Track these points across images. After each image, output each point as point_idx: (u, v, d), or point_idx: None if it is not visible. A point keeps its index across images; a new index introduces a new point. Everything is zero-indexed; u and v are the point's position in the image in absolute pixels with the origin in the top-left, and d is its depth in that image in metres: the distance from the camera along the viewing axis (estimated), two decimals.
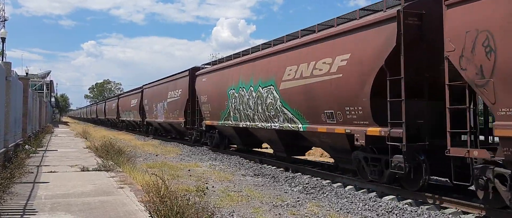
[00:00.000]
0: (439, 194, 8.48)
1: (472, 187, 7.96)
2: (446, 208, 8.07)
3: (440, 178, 10.37)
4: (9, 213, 6.20)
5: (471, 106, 8.53)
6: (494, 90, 6.60)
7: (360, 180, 10.32)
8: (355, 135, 9.65)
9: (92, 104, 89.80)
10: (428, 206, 8.20)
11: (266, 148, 17.42)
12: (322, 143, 11.72)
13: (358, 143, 9.56)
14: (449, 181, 9.59)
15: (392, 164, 8.82)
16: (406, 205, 8.30)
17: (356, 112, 9.63)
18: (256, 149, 18.17)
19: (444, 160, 7.99)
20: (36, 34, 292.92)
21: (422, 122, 8.77)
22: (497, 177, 7.02)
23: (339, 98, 10.09)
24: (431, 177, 9.47)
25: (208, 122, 19.10)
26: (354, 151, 10.09)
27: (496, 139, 7.37)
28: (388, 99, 8.72)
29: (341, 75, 9.99)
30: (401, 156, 8.59)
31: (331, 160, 13.45)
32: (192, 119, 21.59)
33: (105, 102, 60.32)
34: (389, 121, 8.73)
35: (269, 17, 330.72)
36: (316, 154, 17.77)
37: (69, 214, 6.24)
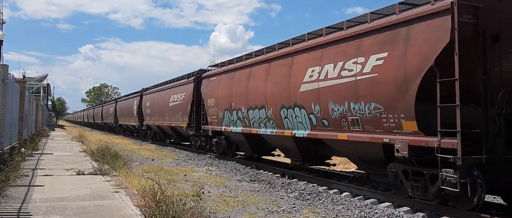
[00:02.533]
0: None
1: None
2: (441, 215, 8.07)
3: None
4: (3, 216, 6.16)
5: None
6: None
7: (357, 187, 10.33)
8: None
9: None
10: (423, 214, 8.20)
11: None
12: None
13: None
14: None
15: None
16: (402, 213, 8.30)
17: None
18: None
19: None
20: (34, 37, 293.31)
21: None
22: None
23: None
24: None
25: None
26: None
27: None
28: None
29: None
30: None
31: (334, 168, 13.37)
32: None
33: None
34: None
35: (267, 24, 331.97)
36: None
37: None
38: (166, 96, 25.26)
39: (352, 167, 15.05)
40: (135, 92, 37.31)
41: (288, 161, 14.42)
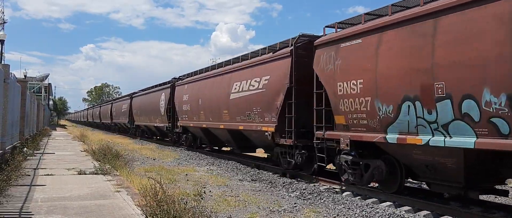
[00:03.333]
0: None
1: None
2: (442, 215, 8.05)
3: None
4: (5, 216, 6.17)
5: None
6: None
7: (358, 186, 10.33)
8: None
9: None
10: (425, 213, 8.20)
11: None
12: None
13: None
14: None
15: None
16: (404, 212, 8.30)
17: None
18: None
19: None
20: (35, 37, 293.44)
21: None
22: None
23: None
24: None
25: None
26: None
27: None
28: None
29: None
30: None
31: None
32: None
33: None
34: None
35: (268, 23, 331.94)
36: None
37: (65, 217, 6.22)
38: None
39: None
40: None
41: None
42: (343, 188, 10.66)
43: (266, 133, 13.33)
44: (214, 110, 17.65)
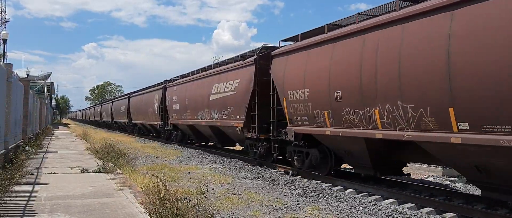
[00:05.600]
0: None
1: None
2: (445, 211, 8.06)
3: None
4: (9, 214, 6.19)
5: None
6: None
7: (361, 184, 10.35)
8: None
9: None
10: (428, 210, 8.20)
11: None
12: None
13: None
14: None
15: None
16: (406, 209, 8.30)
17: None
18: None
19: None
20: (37, 36, 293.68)
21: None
22: None
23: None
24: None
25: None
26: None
27: None
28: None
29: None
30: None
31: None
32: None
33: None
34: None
35: (270, 21, 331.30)
36: None
37: (68, 215, 6.24)
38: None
39: None
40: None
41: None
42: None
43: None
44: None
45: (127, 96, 41.39)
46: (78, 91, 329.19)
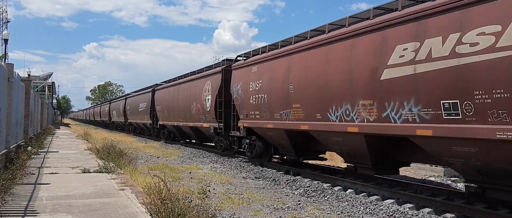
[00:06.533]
0: None
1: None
2: (447, 211, 8.06)
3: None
4: (10, 214, 6.20)
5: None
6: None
7: (362, 183, 10.36)
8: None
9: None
10: (429, 210, 8.19)
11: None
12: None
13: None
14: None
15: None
16: (407, 209, 8.29)
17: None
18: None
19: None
20: (38, 36, 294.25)
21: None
22: None
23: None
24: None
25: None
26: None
27: None
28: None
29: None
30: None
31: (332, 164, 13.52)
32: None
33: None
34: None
35: (271, 20, 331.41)
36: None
37: (70, 215, 6.25)
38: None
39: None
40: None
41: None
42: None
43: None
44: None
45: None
46: (79, 91, 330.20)
